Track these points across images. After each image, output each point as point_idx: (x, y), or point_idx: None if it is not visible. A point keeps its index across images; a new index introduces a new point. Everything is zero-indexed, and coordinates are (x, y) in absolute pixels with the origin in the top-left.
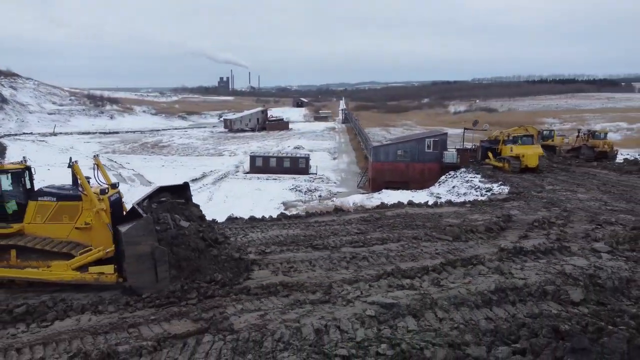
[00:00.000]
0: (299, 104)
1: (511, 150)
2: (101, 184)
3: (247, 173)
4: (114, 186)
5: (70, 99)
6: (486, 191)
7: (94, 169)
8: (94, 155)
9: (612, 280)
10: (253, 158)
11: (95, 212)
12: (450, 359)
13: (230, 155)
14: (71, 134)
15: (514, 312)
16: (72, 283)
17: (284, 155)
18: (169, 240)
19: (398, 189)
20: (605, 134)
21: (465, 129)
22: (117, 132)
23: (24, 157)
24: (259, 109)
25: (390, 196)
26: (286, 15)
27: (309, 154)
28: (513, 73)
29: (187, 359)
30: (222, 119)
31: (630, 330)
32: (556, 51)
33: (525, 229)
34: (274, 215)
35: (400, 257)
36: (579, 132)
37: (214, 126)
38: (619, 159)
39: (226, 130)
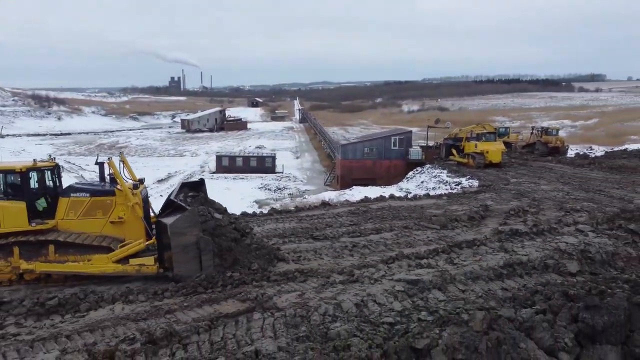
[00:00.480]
0: (254, 104)
1: (476, 147)
2: (127, 179)
3: (214, 173)
4: (141, 182)
5: (13, 100)
6: (456, 185)
7: (120, 166)
8: (120, 153)
9: (600, 254)
10: (219, 158)
11: (130, 206)
12: (488, 319)
13: (192, 156)
14: (20, 135)
15: (524, 282)
16: (114, 275)
17: (250, 154)
18: (210, 231)
19: (366, 185)
20: (557, 130)
21: (429, 126)
22: (69, 134)
23: (49, 155)
24: (217, 109)
25: (361, 192)
26: (237, 15)
27: (275, 153)
28: (461, 73)
29: (245, 333)
30: (175, 119)
31: (626, 292)
32: (500, 52)
33: (503, 217)
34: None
35: (397, 245)
36: (532, 129)
37: (169, 127)
38: (570, 153)
39: (184, 130)
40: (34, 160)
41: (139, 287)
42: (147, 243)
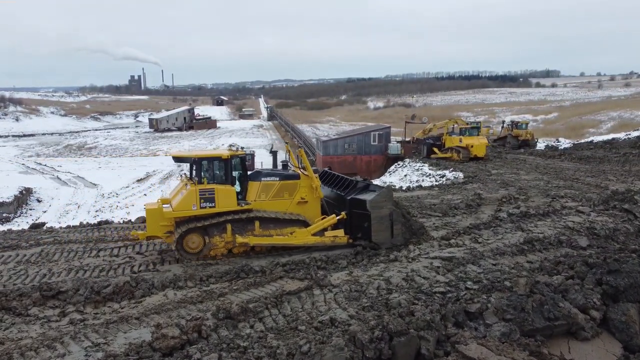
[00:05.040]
0: (219, 102)
1: (460, 141)
2: (292, 166)
3: None
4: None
5: None
6: (440, 177)
7: (296, 158)
8: (298, 147)
9: (604, 230)
10: None
11: (314, 188)
12: (530, 283)
13: (165, 155)
14: None
15: (544, 256)
16: (314, 246)
17: None
18: (395, 206)
19: None
20: (526, 124)
21: (406, 122)
22: (32, 135)
23: (231, 144)
24: (185, 107)
25: None
26: (196, 14)
27: (254, 151)
28: (422, 70)
29: (311, 306)
30: (138, 118)
31: (636, 259)
32: (457, 49)
33: (497, 204)
34: None
35: None
36: (503, 123)
37: (136, 126)
38: (540, 146)
39: (152, 129)
40: (236, 149)
41: (185, 275)
42: (338, 218)
